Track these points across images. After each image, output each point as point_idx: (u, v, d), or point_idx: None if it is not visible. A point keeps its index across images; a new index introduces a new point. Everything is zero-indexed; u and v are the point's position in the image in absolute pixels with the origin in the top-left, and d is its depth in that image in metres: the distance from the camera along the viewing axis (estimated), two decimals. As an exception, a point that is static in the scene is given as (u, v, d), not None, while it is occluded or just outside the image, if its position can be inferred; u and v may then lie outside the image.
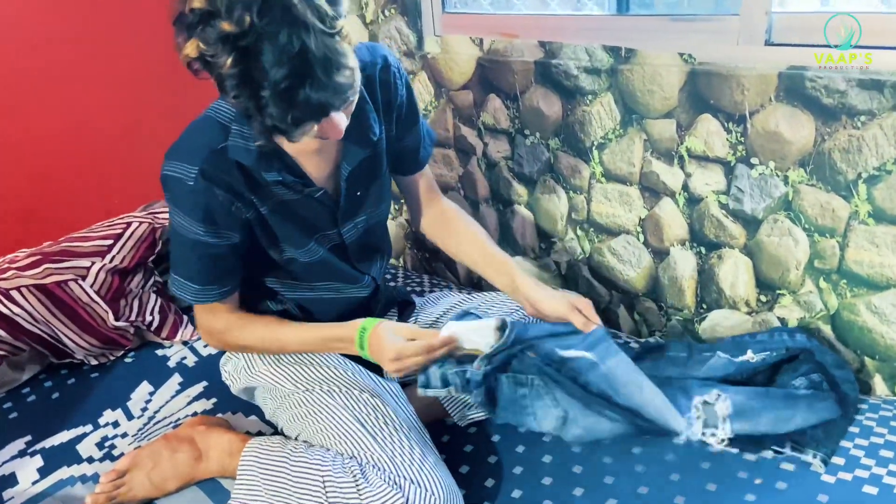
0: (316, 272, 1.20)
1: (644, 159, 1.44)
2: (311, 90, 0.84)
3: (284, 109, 0.85)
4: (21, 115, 1.70)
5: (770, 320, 1.38)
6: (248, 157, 1.02)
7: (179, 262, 1.12)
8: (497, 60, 1.60)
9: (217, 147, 1.02)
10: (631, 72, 1.38)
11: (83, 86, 1.79)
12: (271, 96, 0.83)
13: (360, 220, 1.19)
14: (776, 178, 1.26)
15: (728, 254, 1.39)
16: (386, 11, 1.79)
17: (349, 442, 1.08)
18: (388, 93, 1.16)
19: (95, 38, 1.78)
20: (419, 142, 1.26)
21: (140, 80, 1.85)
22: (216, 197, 1.03)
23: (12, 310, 1.45)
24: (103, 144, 1.85)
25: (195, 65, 0.86)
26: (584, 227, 1.62)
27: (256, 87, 0.83)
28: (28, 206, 1.76)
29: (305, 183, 1.08)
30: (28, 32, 1.68)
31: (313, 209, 1.13)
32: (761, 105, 1.23)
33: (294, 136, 0.90)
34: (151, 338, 1.65)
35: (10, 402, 1.46)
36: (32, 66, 1.70)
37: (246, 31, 0.80)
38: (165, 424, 1.34)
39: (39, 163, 1.75)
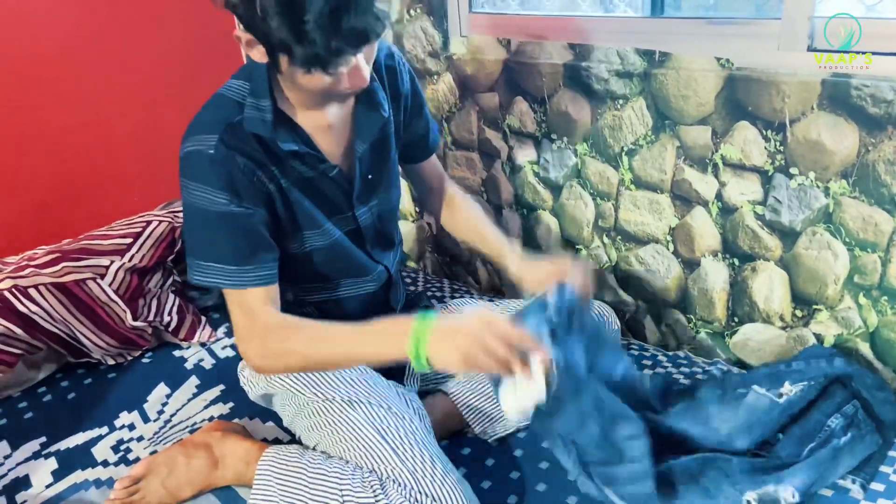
0: (333, 263, 1.17)
1: (676, 167, 1.39)
2: (354, 17, 0.85)
3: (327, 37, 0.85)
4: (42, 113, 1.70)
5: (805, 336, 1.33)
6: (264, 128, 1.01)
7: (205, 244, 1.03)
8: (524, 62, 1.57)
9: (233, 120, 1.01)
10: (665, 76, 1.33)
11: (104, 84, 1.78)
12: (315, 22, 0.84)
13: (373, 203, 1.19)
14: (816, 189, 1.21)
15: (763, 266, 1.34)
16: (412, 11, 1.76)
17: (369, 455, 1.04)
18: (395, 79, 1.18)
19: (115, 37, 1.77)
20: (427, 127, 1.29)
21: (160, 79, 1.83)
22: (238, 165, 1.00)
23: (30, 308, 1.44)
24: (124, 142, 1.83)
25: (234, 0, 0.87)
26: (612, 235, 1.58)
27: (300, 13, 0.83)
28: (48, 203, 1.75)
29: (320, 158, 1.07)
30: (49, 32, 1.67)
31: (329, 188, 1.11)
32: (802, 113, 1.19)
33: (332, 65, 0.89)
34: (169, 338, 1.63)
35: (26, 402, 1.44)
36: (53, 65, 1.69)
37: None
38: (182, 429, 1.32)
39: (60, 160, 1.74)
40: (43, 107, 1.70)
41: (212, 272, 1.03)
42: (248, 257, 1.03)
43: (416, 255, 2.15)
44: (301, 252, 1.13)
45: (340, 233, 1.15)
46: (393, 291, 1.32)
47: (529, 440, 1.21)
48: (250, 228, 1.03)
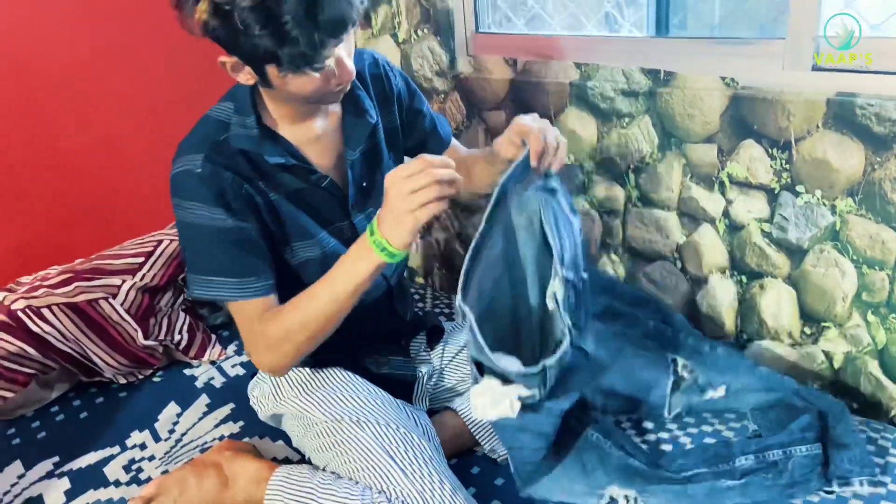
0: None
1: (683, 184, 1.40)
2: (328, 6, 0.88)
3: (309, 30, 0.88)
4: (55, 134, 1.72)
5: (815, 353, 1.33)
6: (250, 143, 1.04)
7: (205, 258, 1.05)
8: (531, 81, 1.58)
9: (219, 138, 1.05)
10: (670, 95, 1.34)
11: (116, 105, 1.81)
12: (294, 20, 0.87)
13: (370, 211, 1.20)
14: (823, 207, 1.22)
15: (771, 283, 1.34)
16: (419, 31, 1.77)
17: (378, 475, 1.05)
18: (381, 85, 1.21)
19: (128, 58, 1.80)
20: (434, 122, 1.31)
21: (172, 100, 1.86)
22: (226, 180, 1.03)
23: (43, 328, 1.45)
24: (135, 163, 1.86)
25: (212, 22, 0.90)
26: (619, 252, 1.58)
27: (278, 16, 0.87)
28: (61, 223, 1.77)
29: (310, 169, 1.09)
30: (62, 54, 1.70)
31: (322, 199, 1.13)
32: (808, 131, 1.19)
33: (320, 60, 0.92)
34: (179, 357, 1.64)
35: (39, 421, 1.45)
36: (66, 86, 1.72)
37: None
38: (192, 448, 1.33)
39: (72, 181, 1.76)
40: (56, 128, 1.72)
41: (213, 286, 1.05)
42: (248, 269, 1.06)
43: (424, 271, 2.16)
44: (294, 262, 1.14)
45: (336, 242, 1.16)
46: (399, 301, 1.33)
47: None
48: (247, 240, 1.06)
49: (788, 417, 1.18)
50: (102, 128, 1.79)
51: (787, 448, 1.10)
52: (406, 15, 1.79)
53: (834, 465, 1.08)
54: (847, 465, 1.07)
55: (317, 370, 1.23)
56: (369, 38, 1.91)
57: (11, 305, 1.45)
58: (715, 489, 1.08)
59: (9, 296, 1.48)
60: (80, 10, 1.70)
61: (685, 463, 1.14)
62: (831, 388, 1.34)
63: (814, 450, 1.10)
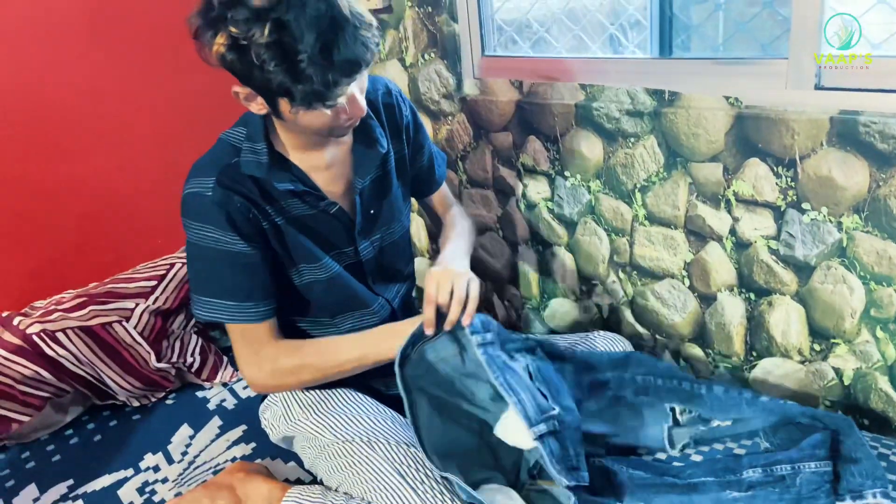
0: (332, 296, 1.20)
1: (689, 203, 1.41)
2: (344, 48, 0.90)
3: (323, 70, 0.90)
4: (68, 160, 1.75)
5: (824, 370, 1.33)
6: (259, 170, 1.06)
7: (207, 280, 1.09)
8: (537, 103, 1.60)
9: (230, 162, 1.07)
10: (675, 115, 1.36)
11: (129, 131, 1.84)
12: (309, 59, 0.89)
13: (375, 237, 1.22)
14: (829, 224, 1.23)
15: (779, 300, 1.34)
16: (426, 55, 1.80)
17: (390, 495, 1.05)
18: (394, 115, 1.23)
19: (141, 84, 1.83)
20: (433, 160, 1.34)
21: (184, 126, 1.89)
22: (234, 203, 1.06)
23: (58, 351, 1.47)
24: (148, 187, 1.88)
25: (228, 55, 0.92)
26: (627, 270, 1.59)
27: (293, 53, 0.88)
28: (74, 247, 1.79)
29: (320, 196, 1.11)
30: (77, 82, 1.73)
31: (329, 225, 1.15)
32: (812, 150, 1.20)
33: (332, 97, 0.94)
34: (192, 379, 1.65)
35: (53, 445, 1.47)
36: (79, 112, 1.75)
37: (275, 4, 0.87)
38: (205, 470, 1.34)
39: (86, 206, 1.79)
40: (70, 154, 1.75)
41: (213, 307, 1.09)
42: (249, 293, 1.09)
43: (434, 291, 2.17)
44: (300, 284, 1.17)
45: (339, 267, 1.19)
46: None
47: (549, 478, 1.21)
48: (250, 265, 1.09)
49: (800, 435, 1.17)
50: (116, 154, 1.82)
51: (797, 463, 1.10)
52: (413, 39, 1.82)
53: (845, 479, 1.08)
54: (858, 479, 1.07)
55: (327, 392, 1.24)
56: (377, 62, 1.94)
57: (27, 329, 1.47)
58: (720, 499, 1.08)
59: (24, 320, 1.50)
60: (94, 39, 1.74)
61: (693, 472, 1.14)
62: (841, 404, 1.34)
63: (823, 467, 1.09)
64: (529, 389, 1.09)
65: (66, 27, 1.69)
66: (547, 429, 1.06)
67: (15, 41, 1.62)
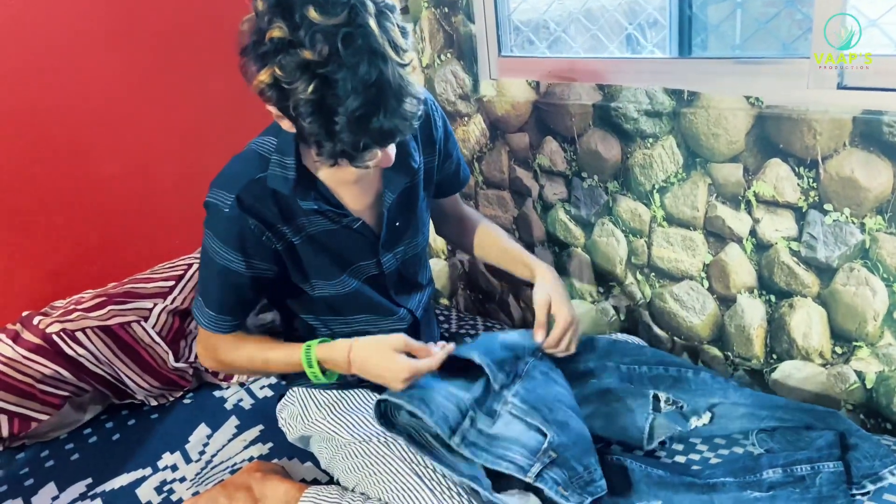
0: (351, 304, 1.20)
1: (708, 203, 1.40)
2: (384, 118, 0.87)
3: (357, 135, 0.88)
4: (88, 161, 1.76)
5: (846, 373, 1.31)
6: (285, 186, 1.05)
7: (202, 282, 1.15)
8: (554, 103, 1.59)
9: (256, 176, 1.06)
10: (694, 115, 1.35)
11: (147, 133, 1.85)
12: (346, 123, 0.86)
13: (399, 250, 1.21)
14: (852, 226, 1.21)
15: (800, 303, 1.33)
16: (442, 56, 1.80)
17: (407, 495, 1.05)
18: (428, 126, 1.20)
19: (160, 86, 1.84)
20: (459, 166, 1.33)
21: (200, 124, 1.90)
22: (249, 226, 1.05)
23: (77, 351, 1.48)
24: (166, 188, 1.89)
25: (268, 92, 0.89)
26: (645, 272, 1.58)
27: (331, 113, 0.86)
28: (95, 247, 1.80)
29: (344, 213, 1.10)
30: (97, 85, 1.75)
31: (350, 240, 1.14)
32: (835, 150, 1.19)
33: (359, 160, 0.93)
34: (209, 379, 1.66)
35: (72, 444, 1.48)
36: (99, 114, 1.76)
37: (327, 60, 0.83)
38: (223, 469, 1.34)
39: (105, 206, 1.80)
40: (89, 155, 1.77)
41: (198, 305, 1.15)
42: (230, 311, 1.14)
43: (449, 292, 2.17)
44: (314, 295, 1.17)
45: (357, 283, 1.18)
46: (425, 330, 1.34)
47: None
48: (239, 286, 1.11)
49: (796, 437, 1.17)
50: (135, 156, 1.83)
51: (815, 463, 1.09)
52: (430, 40, 1.82)
53: (854, 467, 1.08)
54: (866, 463, 1.07)
55: (344, 392, 1.24)
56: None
57: (47, 329, 1.48)
58: (741, 499, 1.07)
59: (44, 319, 1.51)
60: (114, 41, 1.75)
61: (712, 472, 1.13)
62: (863, 408, 1.32)
63: (839, 467, 1.08)
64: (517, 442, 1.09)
65: (87, 29, 1.71)
66: (542, 465, 1.05)
67: (37, 45, 1.64)
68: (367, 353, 1.08)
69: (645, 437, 1.22)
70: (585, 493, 1.04)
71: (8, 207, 1.66)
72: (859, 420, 1.33)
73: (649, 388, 1.26)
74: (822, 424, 1.16)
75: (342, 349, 1.10)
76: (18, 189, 1.67)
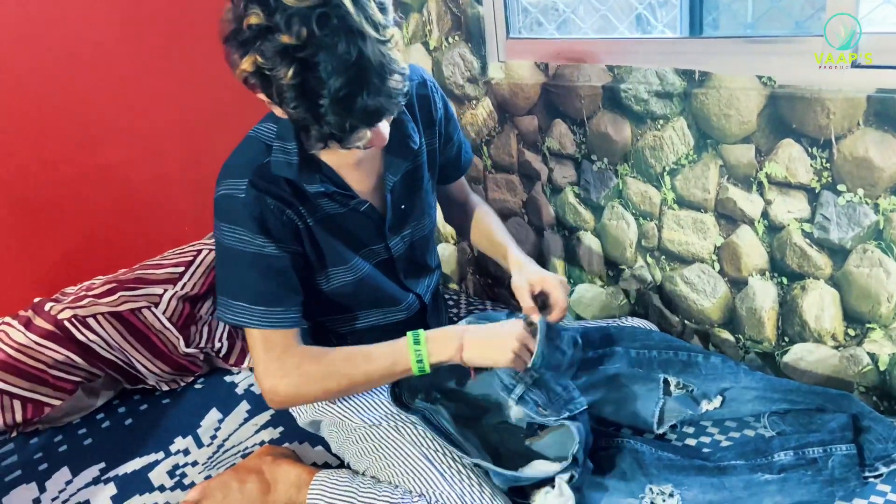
0: (360, 297, 1.19)
1: (720, 185, 1.38)
2: (367, 97, 0.87)
3: (342, 117, 0.87)
4: (95, 146, 1.76)
5: (859, 355, 1.30)
6: (289, 171, 1.04)
7: (236, 284, 1.07)
8: (563, 85, 1.58)
9: (262, 161, 1.05)
10: (705, 95, 1.33)
11: (157, 119, 1.85)
12: (329, 105, 0.85)
13: (406, 233, 1.20)
14: (865, 206, 1.19)
15: (812, 284, 1.31)
16: (450, 38, 1.79)
17: (417, 479, 1.06)
18: (428, 107, 1.19)
19: (169, 73, 1.84)
20: (460, 150, 1.31)
21: (207, 111, 1.89)
22: (268, 206, 1.04)
23: (88, 337, 1.49)
24: (175, 175, 1.90)
25: (252, 80, 0.89)
26: (655, 255, 1.57)
27: (315, 96, 0.85)
28: (104, 234, 1.81)
29: (350, 195, 1.09)
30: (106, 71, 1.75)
31: (359, 223, 1.13)
32: (849, 129, 1.17)
33: (349, 142, 0.92)
34: (220, 364, 1.67)
35: (85, 428, 1.49)
36: (108, 101, 1.76)
37: (305, 43, 0.82)
38: (234, 453, 1.35)
39: (115, 193, 1.81)
40: (98, 142, 1.77)
41: (240, 311, 1.06)
42: (277, 299, 1.06)
43: (458, 277, 2.17)
44: (327, 288, 1.15)
45: (369, 266, 1.17)
46: (433, 315, 1.33)
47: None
48: (281, 269, 1.06)
49: (808, 419, 1.17)
50: (144, 143, 1.83)
51: (828, 446, 1.08)
52: (437, 23, 1.80)
53: (867, 449, 1.08)
54: (879, 445, 1.07)
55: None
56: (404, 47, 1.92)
57: (58, 315, 1.49)
58: (752, 482, 1.07)
59: (55, 306, 1.52)
60: (123, 30, 1.75)
61: (723, 455, 1.13)
62: (876, 390, 1.31)
63: (851, 449, 1.08)
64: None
65: (96, 17, 1.71)
66: (525, 386, 1.08)
67: (46, 32, 1.64)
68: (481, 328, 1.10)
69: (655, 421, 1.22)
70: (565, 409, 1.08)
71: (18, 195, 1.67)
72: (872, 402, 1.32)
73: (659, 372, 1.26)
74: (835, 407, 1.16)
75: (454, 327, 1.11)
76: (28, 177, 1.67)
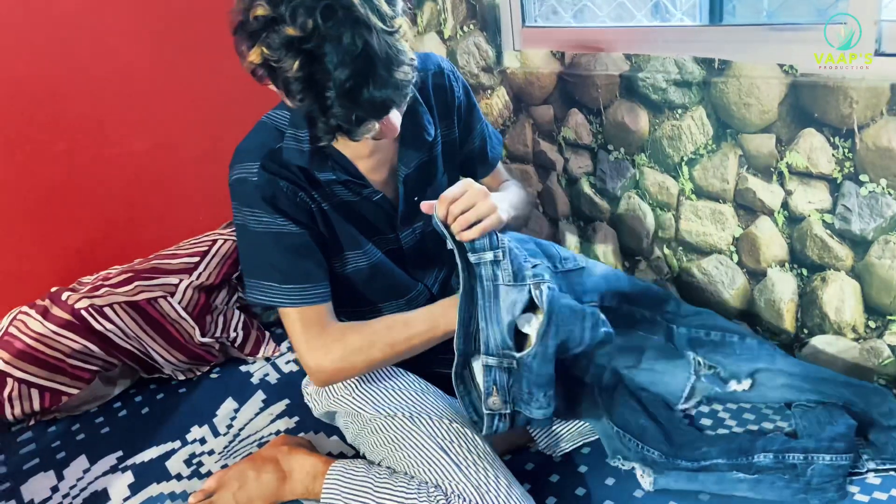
0: (372, 284, 1.19)
1: (739, 175, 1.37)
2: (374, 88, 0.86)
3: (349, 109, 0.86)
4: (111, 135, 1.77)
5: (879, 348, 1.29)
6: (301, 159, 1.04)
7: (259, 264, 1.07)
8: (579, 74, 1.56)
9: (275, 146, 1.05)
10: (725, 84, 1.31)
11: (172, 109, 1.85)
12: (336, 97, 0.85)
13: (417, 225, 1.20)
14: (888, 197, 1.17)
15: (833, 276, 1.30)
16: (465, 27, 1.77)
17: (433, 470, 1.05)
18: (444, 96, 1.18)
19: (184, 64, 1.84)
20: (485, 142, 1.28)
21: (222, 100, 1.89)
22: (281, 188, 1.04)
23: (105, 326, 1.50)
24: (190, 165, 1.90)
25: (259, 71, 0.89)
26: (672, 246, 1.55)
27: (321, 88, 0.85)
28: (121, 224, 1.82)
29: (363, 183, 1.09)
30: (121, 62, 1.75)
31: (372, 211, 1.13)
32: (871, 119, 1.15)
33: (357, 134, 0.91)
34: (235, 354, 1.67)
35: (103, 417, 1.50)
36: (125, 93, 1.77)
37: (310, 35, 0.82)
38: (250, 443, 1.36)
39: (131, 183, 1.82)
40: (114, 131, 1.78)
41: (268, 290, 1.07)
42: (307, 275, 1.07)
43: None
44: (342, 273, 1.15)
45: (381, 253, 1.17)
46: None
47: (595, 456, 1.20)
48: (304, 246, 1.07)
49: (828, 417, 1.15)
50: (159, 132, 1.84)
51: (811, 454, 1.07)
52: (452, 11, 1.79)
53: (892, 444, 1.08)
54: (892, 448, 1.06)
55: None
56: (415, 35, 1.91)
57: (75, 304, 1.50)
58: (725, 479, 1.08)
59: (72, 295, 1.53)
60: (137, 19, 1.75)
61: (708, 451, 1.12)
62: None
63: (840, 461, 1.06)
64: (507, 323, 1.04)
65: (112, 5, 1.71)
66: (497, 363, 1.03)
67: (62, 21, 1.64)
68: None
69: (683, 397, 1.23)
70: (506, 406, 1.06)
71: (35, 185, 1.68)
72: (892, 394, 1.30)
73: (688, 349, 1.26)
74: (863, 403, 1.14)
75: None
76: (45, 166, 1.68)
